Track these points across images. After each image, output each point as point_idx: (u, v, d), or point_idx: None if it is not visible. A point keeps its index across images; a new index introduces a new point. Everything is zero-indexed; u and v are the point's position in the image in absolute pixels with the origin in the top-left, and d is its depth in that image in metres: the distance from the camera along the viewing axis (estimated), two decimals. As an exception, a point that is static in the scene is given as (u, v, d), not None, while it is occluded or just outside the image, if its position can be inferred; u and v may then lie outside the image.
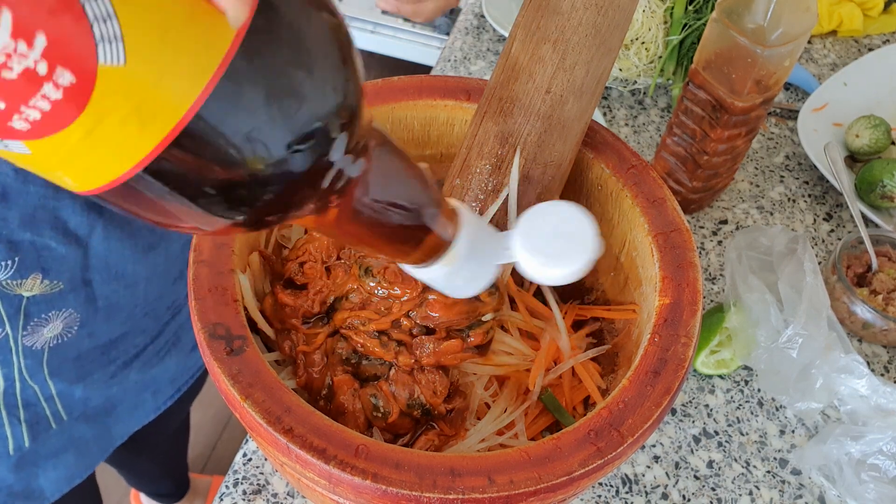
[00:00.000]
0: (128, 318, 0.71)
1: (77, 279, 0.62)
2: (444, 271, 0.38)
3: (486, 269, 0.40)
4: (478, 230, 0.38)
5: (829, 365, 0.63)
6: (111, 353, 0.73)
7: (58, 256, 0.59)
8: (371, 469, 0.37)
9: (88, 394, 0.73)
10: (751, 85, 0.66)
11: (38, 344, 0.64)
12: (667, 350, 0.43)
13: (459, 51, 0.98)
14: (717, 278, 0.77)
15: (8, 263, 0.56)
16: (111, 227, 0.61)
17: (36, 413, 0.69)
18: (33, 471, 0.73)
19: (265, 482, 0.60)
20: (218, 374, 0.39)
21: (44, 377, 0.67)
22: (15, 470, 0.71)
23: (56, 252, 0.59)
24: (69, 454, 0.75)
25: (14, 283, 0.58)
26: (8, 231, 0.55)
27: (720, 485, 0.63)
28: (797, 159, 0.88)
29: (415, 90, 0.53)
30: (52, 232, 0.57)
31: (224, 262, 0.44)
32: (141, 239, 0.66)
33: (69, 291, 0.62)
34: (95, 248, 0.61)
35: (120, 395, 0.78)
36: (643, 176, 0.50)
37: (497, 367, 0.50)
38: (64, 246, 0.59)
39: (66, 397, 0.71)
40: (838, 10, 1.01)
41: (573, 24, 0.46)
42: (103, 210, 0.60)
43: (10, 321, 0.60)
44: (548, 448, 0.39)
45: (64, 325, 0.64)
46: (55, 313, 0.63)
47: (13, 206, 0.53)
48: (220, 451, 1.55)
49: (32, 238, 0.56)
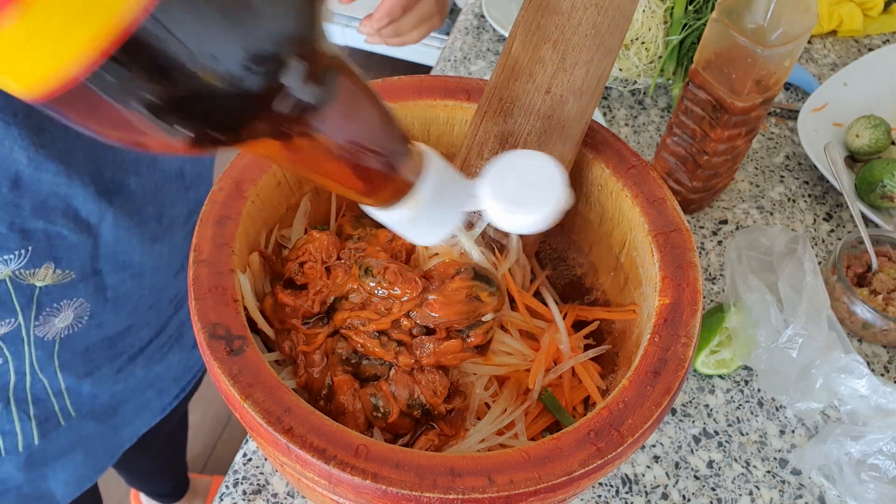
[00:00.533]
0: (133, 311, 0.71)
1: (87, 268, 0.63)
2: (408, 215, 0.37)
3: (452, 216, 0.39)
4: (444, 175, 0.37)
5: (829, 365, 0.63)
6: (118, 346, 0.73)
7: (69, 245, 0.59)
8: (371, 469, 0.37)
9: (96, 390, 0.74)
10: (751, 85, 0.66)
11: (50, 335, 0.64)
12: (667, 350, 0.43)
13: (459, 51, 0.98)
14: (717, 278, 0.77)
15: (21, 252, 0.56)
16: (121, 214, 0.62)
17: (45, 409, 0.69)
18: (43, 471, 0.74)
19: (265, 482, 0.60)
20: (218, 374, 0.39)
21: (54, 370, 0.67)
22: (25, 469, 0.71)
23: (68, 240, 0.59)
24: (78, 452, 0.76)
25: (27, 273, 0.58)
26: (21, 219, 0.55)
27: (720, 485, 0.63)
28: (797, 159, 0.88)
29: (415, 90, 0.53)
30: (64, 220, 0.57)
31: (224, 262, 0.44)
32: (147, 229, 0.66)
33: (80, 280, 0.63)
34: (105, 237, 0.62)
35: (126, 394, 0.78)
36: (643, 176, 0.50)
37: (497, 367, 0.50)
38: (75, 234, 0.59)
39: (74, 393, 0.71)
40: (838, 10, 1.01)
41: (573, 24, 0.46)
42: (114, 197, 0.60)
43: (22, 311, 0.60)
44: (548, 448, 0.39)
45: (75, 315, 0.65)
46: (66, 303, 0.63)
47: (26, 193, 0.53)
48: (220, 451, 1.55)
49: (45, 226, 0.56)
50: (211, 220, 0.45)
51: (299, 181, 0.52)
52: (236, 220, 0.45)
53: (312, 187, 0.54)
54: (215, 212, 0.45)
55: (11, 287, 0.58)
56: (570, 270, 0.58)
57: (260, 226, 0.49)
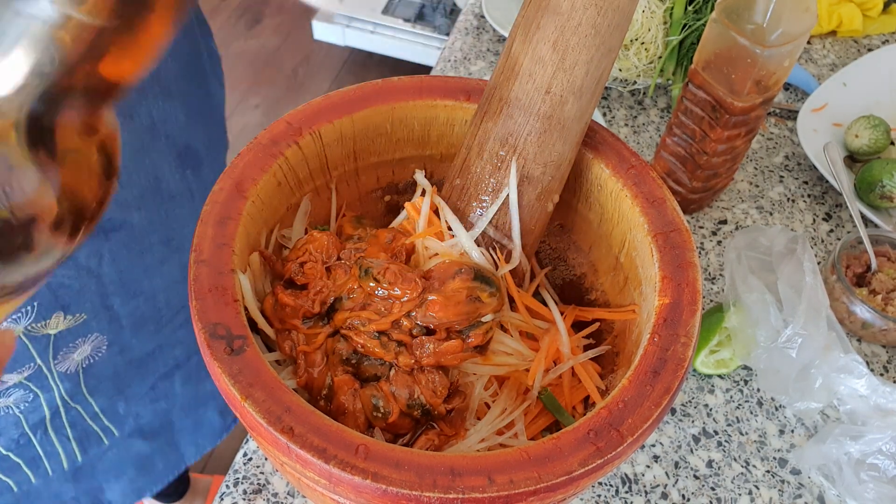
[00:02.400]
0: (157, 331, 0.72)
1: (98, 306, 0.63)
2: None
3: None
4: None
5: (828, 365, 0.63)
6: (148, 366, 0.74)
7: (74, 291, 0.60)
8: (371, 469, 0.37)
9: (136, 409, 0.75)
10: (750, 85, 0.66)
11: (71, 368, 0.65)
12: (666, 350, 0.43)
13: (459, 51, 0.99)
14: (717, 278, 0.77)
15: (28, 310, 0.57)
16: (116, 248, 0.62)
17: (84, 430, 0.71)
18: (96, 484, 0.75)
19: (265, 482, 0.60)
20: (218, 373, 0.39)
21: (83, 396, 0.68)
22: (73, 480, 0.73)
23: (71, 288, 0.59)
24: (130, 469, 0.77)
25: (39, 326, 0.59)
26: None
27: (720, 484, 0.63)
28: (797, 159, 0.88)
29: (415, 90, 0.53)
30: (64, 269, 0.58)
31: (224, 262, 0.44)
32: (152, 255, 0.66)
33: (92, 319, 0.63)
34: (109, 275, 0.62)
35: (173, 411, 0.79)
36: (643, 176, 0.50)
37: (497, 367, 0.50)
38: (77, 280, 0.59)
39: (110, 413, 0.73)
40: (838, 10, 1.01)
41: (573, 24, 0.46)
42: (111, 234, 0.60)
43: (40, 356, 0.61)
44: (547, 448, 0.39)
45: (93, 348, 0.66)
46: (81, 340, 0.64)
47: None
48: (221, 451, 1.55)
49: (46, 279, 0.57)
50: (211, 220, 0.45)
51: (299, 181, 0.52)
52: (237, 220, 0.45)
53: (313, 187, 0.54)
54: (216, 212, 0.46)
55: (27, 340, 0.59)
56: (570, 270, 0.59)
57: (260, 226, 0.49)
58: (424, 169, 0.58)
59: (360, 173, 0.56)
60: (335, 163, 0.54)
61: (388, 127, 0.54)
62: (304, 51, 2.43)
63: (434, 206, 0.52)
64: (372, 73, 2.37)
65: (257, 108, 2.25)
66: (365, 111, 0.52)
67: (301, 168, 0.51)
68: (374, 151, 0.55)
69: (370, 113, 0.53)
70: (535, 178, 0.50)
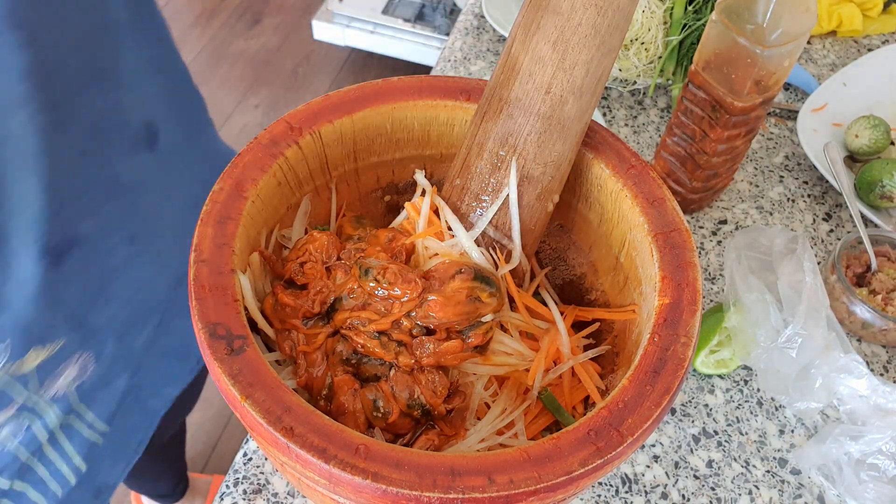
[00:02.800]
0: (125, 322, 0.71)
1: (72, 328, 0.62)
2: None
3: None
4: None
5: (828, 365, 0.63)
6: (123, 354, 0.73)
7: (45, 324, 0.58)
8: (371, 469, 0.37)
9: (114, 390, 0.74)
10: (750, 85, 0.66)
11: (61, 391, 0.64)
12: (666, 350, 0.43)
13: (459, 51, 0.99)
14: (717, 278, 0.77)
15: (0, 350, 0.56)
16: (72, 270, 0.59)
17: (81, 440, 0.70)
18: (96, 477, 0.75)
19: (265, 482, 0.60)
20: (218, 373, 0.39)
21: (79, 413, 0.68)
22: (80, 487, 0.73)
23: (40, 321, 0.58)
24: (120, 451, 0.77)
25: (17, 365, 0.58)
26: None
27: (720, 484, 0.63)
28: (797, 159, 0.88)
29: (415, 90, 0.54)
30: (26, 308, 0.57)
31: (224, 262, 0.44)
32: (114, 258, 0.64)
33: (70, 342, 0.62)
34: (73, 297, 0.60)
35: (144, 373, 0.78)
36: (643, 176, 0.50)
37: (497, 367, 0.50)
38: (43, 313, 0.58)
39: (106, 416, 0.72)
40: (838, 10, 1.01)
41: (573, 24, 0.46)
42: (59, 258, 0.58)
43: (26, 387, 0.60)
44: (547, 448, 0.39)
45: (79, 368, 0.65)
46: (65, 365, 0.63)
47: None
48: (221, 451, 1.55)
49: (8, 321, 0.56)
50: (211, 220, 0.45)
51: (300, 181, 0.52)
52: (237, 220, 0.45)
53: (313, 187, 0.54)
54: (216, 212, 0.46)
55: (7, 379, 0.58)
56: (570, 270, 0.59)
57: (260, 226, 0.49)
58: (424, 169, 0.58)
59: (360, 173, 0.56)
60: (335, 163, 0.54)
61: (388, 127, 0.54)
62: (304, 51, 2.43)
63: (434, 206, 0.52)
64: (372, 73, 2.37)
65: (257, 108, 2.25)
66: (365, 111, 0.52)
67: (301, 168, 0.51)
68: (374, 151, 0.55)
69: (370, 113, 0.53)
70: (535, 177, 0.50)
